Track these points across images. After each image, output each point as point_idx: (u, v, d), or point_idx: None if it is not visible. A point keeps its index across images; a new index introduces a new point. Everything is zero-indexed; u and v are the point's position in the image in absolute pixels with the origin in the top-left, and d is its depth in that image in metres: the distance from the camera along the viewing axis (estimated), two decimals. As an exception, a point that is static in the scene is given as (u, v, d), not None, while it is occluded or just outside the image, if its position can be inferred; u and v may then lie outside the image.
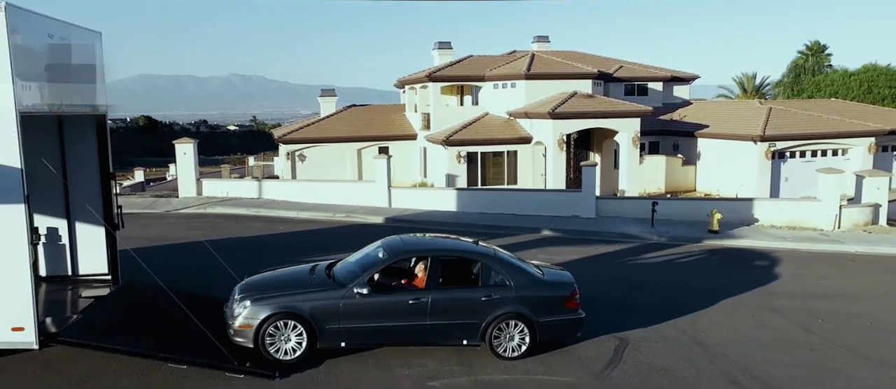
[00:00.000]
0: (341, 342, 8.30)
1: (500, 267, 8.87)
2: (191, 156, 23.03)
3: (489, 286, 8.72)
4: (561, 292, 8.98)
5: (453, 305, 8.54)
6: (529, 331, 8.66)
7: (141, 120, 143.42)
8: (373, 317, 8.31)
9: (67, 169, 9.42)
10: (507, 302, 8.62)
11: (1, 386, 7.29)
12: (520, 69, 32.18)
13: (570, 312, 8.91)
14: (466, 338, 8.61)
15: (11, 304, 7.08)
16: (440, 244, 9.62)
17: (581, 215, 20.41)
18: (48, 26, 7.81)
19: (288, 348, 8.09)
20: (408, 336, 8.51)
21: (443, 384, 7.83)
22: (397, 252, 8.99)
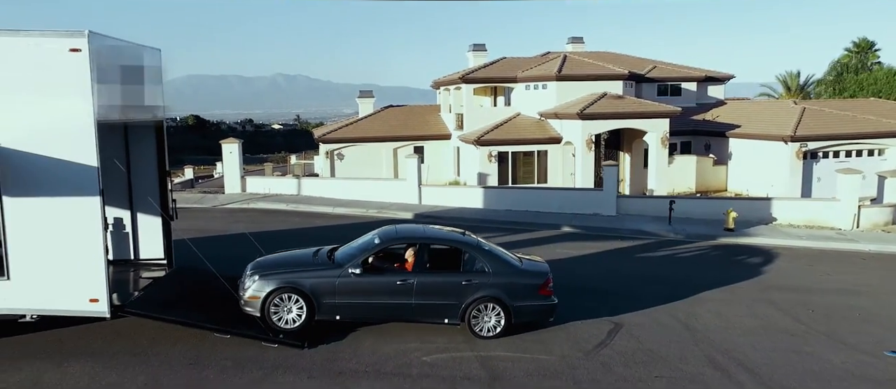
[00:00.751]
0: (336, 315, 9.46)
1: (480, 255, 9.86)
2: (236, 155, 24.71)
3: (469, 272, 9.71)
4: (535, 280, 9.92)
5: (436, 287, 9.58)
6: (505, 314, 9.64)
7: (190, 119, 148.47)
8: (364, 295, 9.45)
9: (131, 167, 10.90)
10: (485, 287, 9.60)
11: (81, 348, 8.73)
12: (551, 71, 33.00)
13: (542, 298, 9.83)
14: (448, 317, 9.64)
15: (89, 279, 8.51)
16: (428, 233, 10.73)
17: (602, 213, 21.24)
18: (119, 47, 9.26)
19: (289, 318, 9.29)
20: (395, 312, 9.62)
21: (449, 357, 8.94)
22: (389, 239, 10.16)
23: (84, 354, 8.59)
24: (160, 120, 10.84)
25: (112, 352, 8.67)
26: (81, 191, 8.36)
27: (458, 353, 9.08)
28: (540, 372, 8.55)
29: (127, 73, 9.58)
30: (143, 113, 10.26)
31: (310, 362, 8.60)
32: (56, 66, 8.14)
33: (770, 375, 8.76)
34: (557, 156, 31.31)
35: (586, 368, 8.76)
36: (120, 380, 7.90)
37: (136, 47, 9.89)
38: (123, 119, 9.76)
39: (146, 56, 10.20)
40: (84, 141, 8.27)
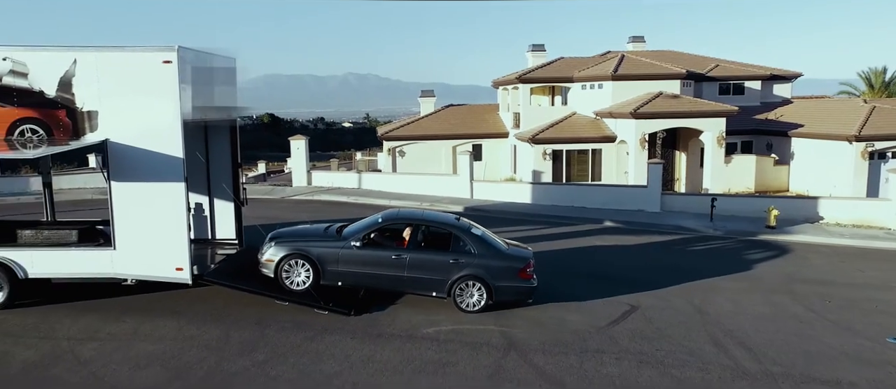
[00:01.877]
0: (339, 281, 10.84)
1: (468, 238, 11.01)
2: (303, 151, 26.73)
3: (457, 252, 10.88)
4: (516, 264, 10.98)
5: (427, 263, 10.82)
6: (487, 292, 10.77)
7: (265, 117, 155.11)
8: (363, 265, 10.79)
9: (209, 160, 12.72)
10: (470, 267, 10.76)
11: (169, 307, 10.52)
12: (606, 71, 33.57)
13: (522, 281, 10.89)
14: (436, 291, 10.85)
15: (175, 251, 10.28)
16: (425, 216, 11.98)
17: (646, 209, 21.90)
18: (201, 57, 11.02)
19: (298, 280, 10.79)
20: (390, 283, 10.90)
21: (474, 328, 10.19)
22: (389, 218, 11.52)
23: (172, 312, 10.38)
24: (234, 118, 12.60)
25: (194, 312, 10.44)
26: (170, 178, 10.15)
27: (483, 325, 10.32)
28: (552, 342, 9.70)
29: (207, 79, 11.34)
30: (219, 112, 12.04)
31: (354, 326, 10.08)
32: (151, 75, 9.94)
33: (765, 352, 9.57)
34: (612, 155, 31.87)
35: (595, 340, 9.84)
36: (199, 334, 9.61)
37: (214, 56, 11.65)
38: (204, 118, 11.53)
39: (223, 63, 11.97)
40: (173, 137, 10.05)
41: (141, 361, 8.60)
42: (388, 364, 8.72)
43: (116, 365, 8.44)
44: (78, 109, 10.08)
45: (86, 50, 10.01)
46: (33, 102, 10.04)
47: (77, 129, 10.12)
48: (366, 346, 9.29)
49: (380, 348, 9.24)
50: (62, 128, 10.10)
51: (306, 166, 26.79)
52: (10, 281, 10.31)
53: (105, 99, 10.06)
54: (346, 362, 8.76)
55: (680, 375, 8.69)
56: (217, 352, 8.94)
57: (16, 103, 10.04)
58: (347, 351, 9.09)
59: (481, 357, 9.08)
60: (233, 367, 8.48)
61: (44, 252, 10.57)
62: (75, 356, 8.73)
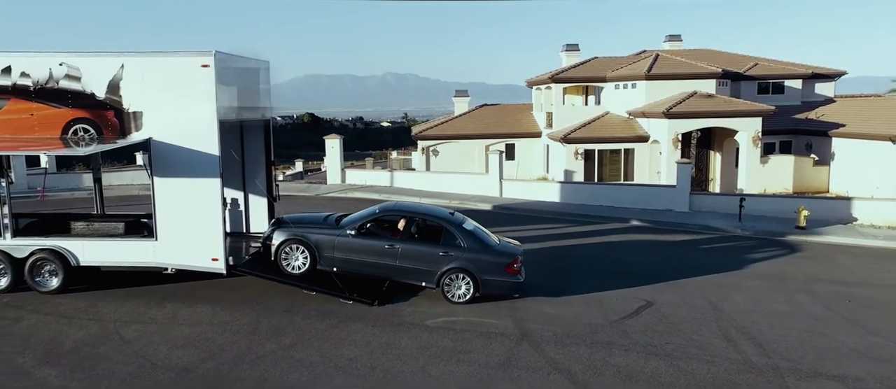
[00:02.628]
0: (333, 267, 11.46)
1: (459, 232, 11.44)
2: (337, 149, 27.54)
3: (447, 245, 11.32)
4: (503, 259, 11.35)
5: (417, 254, 11.32)
6: (473, 284, 11.20)
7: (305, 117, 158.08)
8: (357, 253, 11.37)
9: (244, 158, 13.47)
10: (459, 260, 11.21)
11: (205, 295, 11.28)
12: (640, 70, 33.50)
13: (508, 276, 11.28)
14: (425, 281, 11.36)
15: (211, 243, 11.01)
16: (419, 209, 12.51)
17: (675, 209, 21.94)
18: (236, 61, 11.74)
19: (296, 265, 11.48)
20: (382, 271, 11.38)
21: (491, 321, 10.63)
22: (385, 210, 12.13)
23: (207, 299, 11.13)
24: (267, 118, 13.32)
25: (228, 300, 11.16)
26: (207, 174, 10.87)
27: (499, 319, 10.74)
28: (564, 334, 10.07)
29: (241, 81, 12.06)
30: (253, 113, 12.76)
31: (375, 315, 10.64)
32: (190, 78, 10.68)
33: (774, 348, 9.75)
34: (644, 155, 31.83)
35: (606, 333, 10.18)
36: (232, 319, 10.31)
37: (248, 60, 12.37)
38: (238, 118, 12.24)
39: (256, 66, 12.68)
40: (210, 136, 10.77)
41: (178, 342, 9.32)
42: (405, 351, 9.24)
43: (157, 345, 9.18)
44: (125, 110, 10.90)
45: (132, 55, 10.82)
46: (85, 104, 10.91)
47: (124, 129, 10.94)
48: (386, 334, 9.84)
49: (399, 336, 9.77)
50: (111, 127, 10.94)
51: (340, 164, 27.58)
52: (64, 268, 11.20)
53: (149, 100, 10.86)
54: (366, 348, 9.31)
55: (686, 367, 8.97)
56: (248, 337, 9.61)
57: (70, 104, 10.91)
58: (368, 338, 9.65)
59: (494, 345, 9.52)
60: (261, 350, 9.12)
61: (93, 242, 11.44)
62: (120, 336, 9.50)
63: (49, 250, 11.15)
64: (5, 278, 11.25)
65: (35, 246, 11.18)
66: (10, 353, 8.88)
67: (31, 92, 10.89)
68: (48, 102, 10.91)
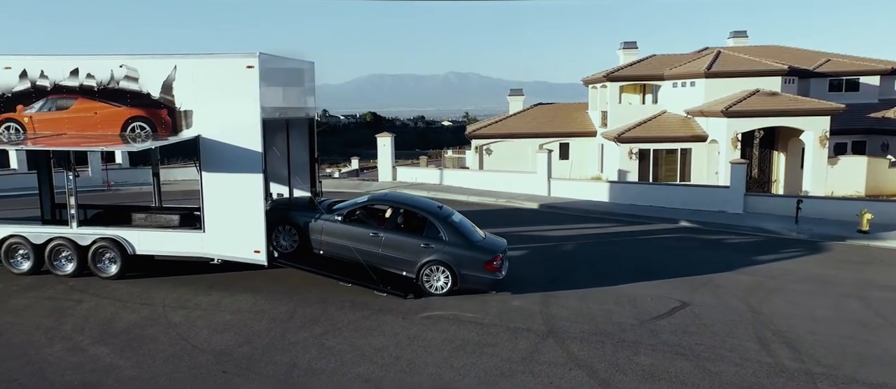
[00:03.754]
0: (321, 250, 11.90)
1: (441, 225, 11.62)
2: (388, 147, 28.09)
3: (429, 237, 11.56)
4: (483, 256, 11.47)
5: (400, 244, 11.61)
6: (452, 278, 11.42)
7: (367, 116, 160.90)
8: (343, 238, 11.76)
9: (289, 154, 14.05)
10: (439, 253, 11.43)
11: (248, 285, 11.89)
12: (699, 68, 32.66)
13: (486, 272, 11.45)
14: (406, 270, 11.60)
15: (254, 235, 11.58)
16: (405, 199, 12.79)
17: (727, 210, 21.32)
18: (279, 61, 12.29)
19: (286, 245, 12.05)
20: (366, 257, 11.64)
21: (518, 316, 10.75)
22: (374, 199, 12.56)
23: (250, 289, 11.73)
24: (311, 117, 13.84)
25: (269, 290, 11.72)
26: (250, 169, 11.45)
27: (529, 315, 10.81)
28: (592, 332, 10.09)
29: (286, 82, 12.61)
30: (297, 112, 13.30)
31: (406, 308, 10.94)
32: (236, 79, 11.27)
33: (811, 353, 9.46)
34: (702, 155, 31.04)
35: (635, 332, 10.12)
36: (270, 308, 10.84)
37: (293, 60, 12.91)
38: (283, 117, 12.81)
39: (300, 67, 13.21)
40: (254, 133, 11.34)
41: (219, 327, 9.90)
42: (431, 343, 9.49)
43: (199, 330, 9.78)
44: (177, 109, 11.61)
45: (184, 57, 11.52)
46: (142, 103, 11.69)
47: (176, 126, 11.66)
48: (414, 326, 10.12)
49: (427, 328, 10.04)
50: (164, 125, 11.68)
51: (391, 162, 28.13)
52: (122, 256, 12.03)
53: (198, 99, 11.54)
54: (393, 338, 9.62)
55: (713, 369, 8.84)
56: (283, 324, 10.09)
57: (129, 103, 11.72)
58: (396, 329, 9.96)
59: (520, 340, 9.65)
60: (294, 337, 9.57)
61: (148, 232, 12.25)
62: (168, 320, 10.17)
63: (109, 239, 12.01)
64: (71, 264, 12.18)
65: (97, 235, 12.06)
66: (70, 332, 9.66)
67: (96, 92, 11.76)
68: (110, 101, 11.75)
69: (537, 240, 17.04)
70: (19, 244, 12.23)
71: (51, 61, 11.79)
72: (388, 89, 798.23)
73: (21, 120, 12.01)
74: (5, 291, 11.48)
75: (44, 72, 11.79)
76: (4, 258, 12.30)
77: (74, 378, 8.15)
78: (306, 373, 8.44)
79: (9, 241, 12.24)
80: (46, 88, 11.85)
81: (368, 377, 8.38)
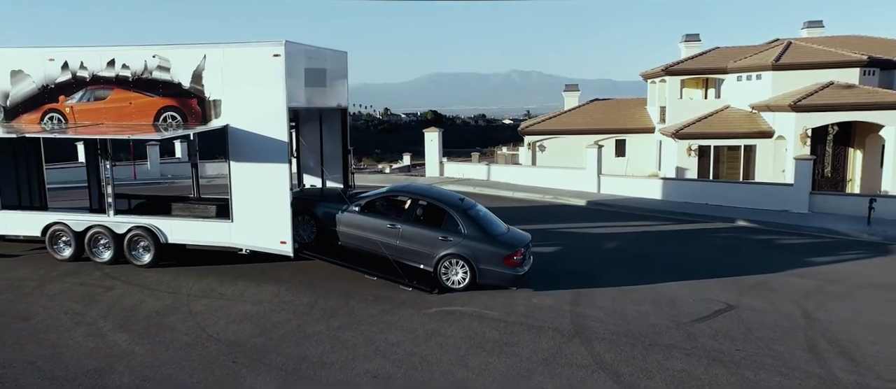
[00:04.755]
0: (338, 240, 11.72)
1: (460, 218, 11.21)
2: (436, 142, 27.81)
3: (447, 230, 11.15)
4: (503, 250, 10.95)
5: (418, 236, 11.26)
6: (470, 272, 10.99)
7: (428, 114, 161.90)
8: (360, 228, 11.58)
9: (322, 146, 13.93)
10: (457, 246, 11.02)
11: (274, 276, 11.80)
12: (766, 60, 30.91)
13: (506, 267, 10.91)
14: (423, 264, 11.27)
15: (280, 226, 11.48)
16: (425, 190, 12.46)
17: (791, 209, 19.95)
18: (308, 51, 12.14)
19: (304, 235, 11.95)
20: (383, 249, 11.35)
21: (546, 314, 10.20)
22: (393, 190, 12.26)
23: (276, 280, 11.64)
24: (344, 108, 13.66)
25: (294, 281, 11.61)
26: (276, 159, 11.36)
27: (557, 314, 10.23)
28: (623, 333, 9.45)
29: (314, 72, 12.43)
30: (328, 102, 13.09)
31: (431, 303, 10.58)
32: (263, 68, 11.18)
33: (870, 365, 8.53)
34: (768, 152, 29.36)
35: (670, 335, 9.41)
36: (292, 299, 10.70)
37: (323, 50, 12.73)
38: (312, 107, 12.64)
39: (331, 58, 13.03)
40: (279, 123, 11.23)
41: (237, 317, 9.81)
42: (448, 340, 9.09)
43: (217, 319, 9.72)
44: (206, 98, 11.65)
45: (213, 46, 11.54)
46: (174, 93, 11.79)
47: (205, 116, 11.70)
48: (434, 322, 9.75)
49: (447, 325, 9.64)
50: (194, 115, 11.74)
51: (439, 157, 27.84)
52: (155, 245, 12.18)
53: (226, 89, 11.53)
54: (410, 334, 9.28)
55: (753, 377, 8.08)
56: (301, 316, 9.91)
57: (161, 93, 11.85)
58: (415, 325, 9.60)
59: (543, 340, 9.12)
60: (310, 330, 9.37)
61: (180, 221, 12.35)
62: (189, 309, 10.17)
63: (143, 227, 12.18)
64: (109, 251, 12.44)
65: (132, 224, 12.26)
66: (95, 317, 9.79)
67: (130, 82, 11.95)
68: (144, 92, 11.91)
69: (578, 238, 16.35)
70: (62, 231, 12.58)
71: (89, 52, 12.05)
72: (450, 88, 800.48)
73: (63, 110, 12.34)
74: (46, 276, 11.81)
75: (83, 63, 12.06)
76: (49, 244, 12.68)
77: (89, 363, 8.19)
78: (315, 366, 8.20)
79: (53, 228, 12.61)
80: (86, 79, 12.13)
81: (378, 372, 8.06)
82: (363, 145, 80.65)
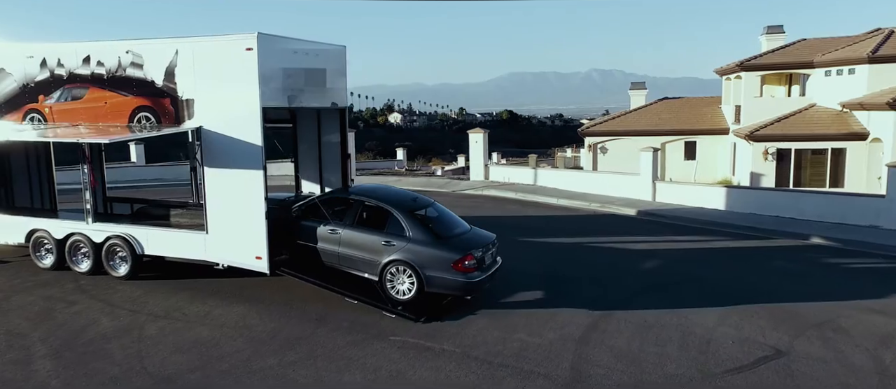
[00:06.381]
0: (285, 249, 10.66)
1: (405, 219, 9.91)
2: (481, 144, 26.17)
3: (390, 234, 9.91)
4: (451, 255, 9.57)
5: (360, 242, 10.09)
6: (417, 281, 9.65)
7: (503, 114, 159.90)
8: (303, 235, 10.54)
9: (321, 150, 12.70)
10: (400, 251, 9.74)
11: (248, 296, 10.64)
12: (861, 52, 27.46)
13: (456, 273, 9.54)
14: (368, 272, 10.08)
15: (255, 239, 10.28)
16: (368, 190, 11.29)
17: (882, 225, 17.04)
18: (292, 45, 10.91)
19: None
20: (327, 258, 10.37)
21: (544, 352, 8.50)
22: (336, 192, 11.35)
23: (250, 299, 10.46)
24: (343, 107, 12.34)
25: (269, 301, 10.39)
26: (250, 165, 10.18)
27: (557, 355, 8.48)
28: (631, 385, 7.62)
29: (300, 68, 11.15)
30: (320, 101, 11.80)
31: (413, 334, 9.06)
32: (235, 63, 10.02)
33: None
34: (861, 156, 26.08)
35: None
36: (257, 324, 9.47)
37: (310, 44, 11.44)
38: (296, 106, 11.31)
39: (324, 53, 11.75)
40: (252, 124, 10.04)
41: (186, 345, 8.67)
42: (414, 384, 7.59)
43: (164, 347, 8.60)
44: (179, 97, 10.63)
45: (184, 40, 10.50)
46: (147, 91, 10.86)
47: (178, 116, 10.69)
48: (406, 360, 8.24)
49: (418, 364, 8.12)
50: (167, 115, 10.76)
51: (483, 160, 26.20)
52: (131, 256, 11.30)
53: (199, 87, 10.47)
54: (371, 374, 7.83)
55: (790, 462, 6.10)
56: (257, 346, 8.65)
57: (135, 92, 10.95)
58: (381, 363, 8.14)
59: (527, 391, 7.44)
60: (258, 365, 8.09)
61: (156, 231, 11.42)
62: (141, 333, 9.12)
63: (120, 237, 11.33)
64: (87, 261, 11.69)
65: (109, 233, 11.44)
66: (35, 339, 8.90)
67: (105, 80, 11.12)
68: (118, 90, 11.07)
69: (613, 255, 14.33)
70: (44, 238, 11.97)
71: (65, 48, 11.34)
72: (530, 87, 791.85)
73: (42, 110, 11.70)
74: (18, 287, 11.16)
75: (60, 60, 11.36)
76: (32, 251, 12.10)
77: (-2, 396, 7.24)
78: (241, 415, 6.90)
79: (36, 235, 12.02)
80: (63, 77, 11.42)
81: (308, 428, 6.67)
82: (438, 145, 79.93)
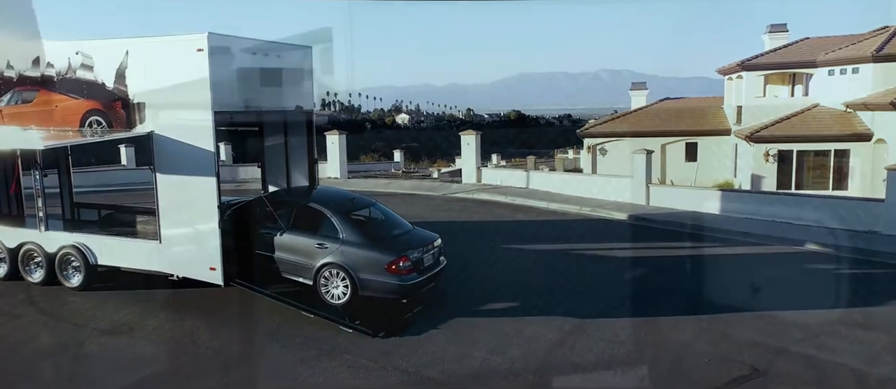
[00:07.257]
0: (228, 257, 9.93)
1: (338, 220, 9.69)
2: (473, 147, 25.58)
3: (324, 236, 9.70)
4: (385, 256, 9.37)
5: (296, 246, 9.87)
6: (351, 285, 9.42)
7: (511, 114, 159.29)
8: (239, 240, 10.10)
9: (288, 157, 12.15)
10: (333, 253, 9.54)
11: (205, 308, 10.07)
12: (866, 50, 26.76)
13: (390, 276, 9.34)
14: (304, 277, 9.83)
15: (209, 249, 9.78)
16: (306, 192, 11.15)
17: (881, 231, 16.33)
18: (249, 46, 10.39)
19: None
20: (268, 264, 10.04)
21: (506, 370, 7.96)
22: (278, 194, 11.15)
23: (205, 311, 9.91)
24: (309, 110, 11.78)
25: (226, 313, 9.90)
26: (201, 171, 9.68)
27: (516, 375, 7.96)
28: (591, 412, 7.05)
29: (258, 71, 10.62)
30: (282, 104, 11.25)
31: (366, 352, 8.51)
32: (186, 65, 9.54)
33: None
34: (865, 158, 25.34)
35: (656, 419, 6.91)
36: (205, 339, 8.98)
37: (273, 45, 10.93)
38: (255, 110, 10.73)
39: (286, 54, 11.22)
40: (203, 129, 9.54)
41: (124, 364, 8.20)
42: (356, 410, 7.05)
43: (98, 366, 8.16)
44: (130, 101, 10.15)
45: (134, 40, 10.02)
46: (97, 95, 10.39)
47: (130, 120, 10.21)
48: (355, 380, 7.73)
49: (365, 385, 7.58)
50: (119, 119, 10.29)
51: (475, 163, 25.61)
52: (85, 266, 10.81)
53: (150, 89, 9.98)
54: (312, 399, 7.31)
55: None
56: (198, 365, 8.18)
57: (85, 95, 10.48)
58: (329, 383, 7.62)
59: (476, 418, 6.89)
60: (195, 386, 7.58)
61: (109, 240, 10.93)
62: (79, 350, 8.65)
63: (73, 246, 10.86)
64: (41, 270, 11.23)
65: (62, 242, 10.97)
66: (-31, 357, 8.47)
67: (55, 83, 10.68)
68: (69, 93, 10.63)
69: (593, 263, 13.56)
70: (-4, 247, 11.52)
71: (13, 47, 10.87)
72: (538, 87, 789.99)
73: (-5, 114, 11.26)
74: (-31, 299, 10.73)
75: (10, 61, 10.91)
76: (-14, 261, 11.66)
77: None
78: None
79: (-11, 244, 11.57)
80: (13, 79, 10.98)
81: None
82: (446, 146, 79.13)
